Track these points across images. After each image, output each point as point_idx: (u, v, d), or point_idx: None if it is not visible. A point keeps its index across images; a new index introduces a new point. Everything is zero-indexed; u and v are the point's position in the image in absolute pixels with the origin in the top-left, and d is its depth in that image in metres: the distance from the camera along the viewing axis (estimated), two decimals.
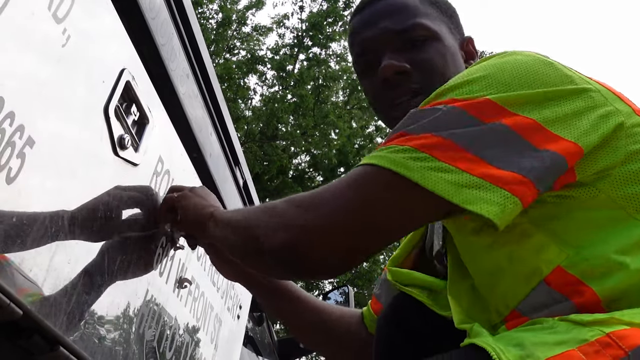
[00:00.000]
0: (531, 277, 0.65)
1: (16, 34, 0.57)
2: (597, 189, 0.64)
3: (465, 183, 0.59)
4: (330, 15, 12.45)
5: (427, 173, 0.60)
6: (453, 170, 0.60)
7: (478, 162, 0.60)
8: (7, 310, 0.55)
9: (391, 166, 0.61)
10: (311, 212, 0.66)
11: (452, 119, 0.63)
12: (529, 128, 0.63)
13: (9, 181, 0.55)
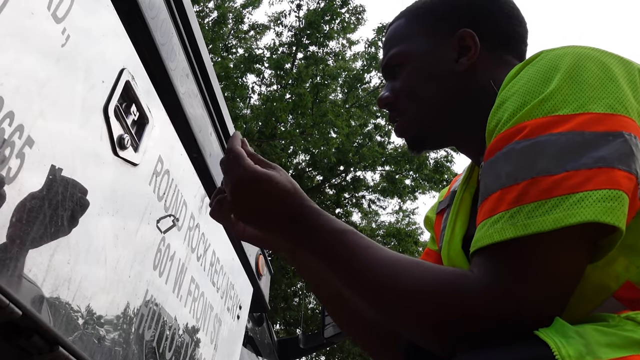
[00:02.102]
0: (599, 291, 0.61)
1: (16, 34, 0.57)
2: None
3: (604, 197, 0.54)
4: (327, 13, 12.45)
5: (570, 211, 0.53)
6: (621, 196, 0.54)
7: (601, 172, 0.54)
8: (6, 311, 0.55)
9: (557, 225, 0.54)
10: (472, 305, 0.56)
11: (584, 141, 0.56)
12: (629, 127, 0.57)
13: (8, 181, 0.55)
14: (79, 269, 0.69)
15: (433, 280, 0.59)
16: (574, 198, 0.53)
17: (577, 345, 0.49)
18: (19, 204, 0.57)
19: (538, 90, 0.61)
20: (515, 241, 0.55)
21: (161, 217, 0.97)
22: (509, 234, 0.55)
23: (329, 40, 12.86)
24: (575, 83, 0.59)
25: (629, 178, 0.54)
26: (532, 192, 0.55)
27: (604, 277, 0.60)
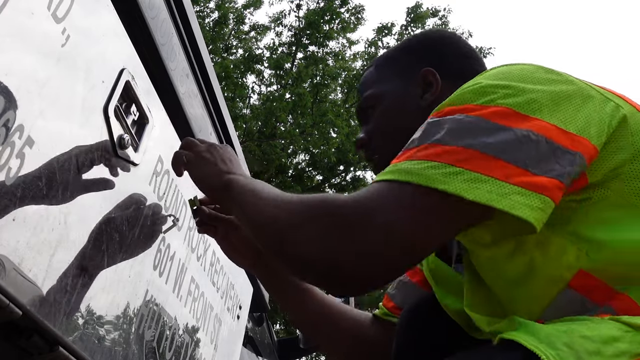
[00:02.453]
0: (554, 283, 0.65)
1: (16, 34, 0.57)
2: (609, 188, 0.65)
3: (505, 192, 0.59)
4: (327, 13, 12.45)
5: (467, 185, 0.60)
6: (491, 180, 0.60)
7: (514, 170, 0.61)
8: (6, 310, 0.55)
9: (431, 184, 0.61)
10: (357, 231, 0.62)
11: (477, 128, 0.64)
12: (552, 131, 0.63)
13: (8, 180, 0.55)
14: (79, 269, 0.69)
15: (311, 198, 0.69)
16: (452, 169, 0.61)
17: (569, 357, 0.50)
18: (19, 204, 0.57)
19: (464, 86, 0.71)
20: (392, 183, 0.64)
21: (161, 217, 0.97)
22: (388, 177, 0.64)
23: (328, 40, 12.85)
24: (496, 80, 0.68)
25: (506, 167, 0.60)
26: (422, 153, 0.64)
27: (557, 269, 0.64)
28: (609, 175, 0.65)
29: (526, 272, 0.67)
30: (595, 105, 0.67)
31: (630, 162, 0.65)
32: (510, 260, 0.69)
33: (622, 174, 0.65)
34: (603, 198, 0.65)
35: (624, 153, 0.65)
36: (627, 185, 0.64)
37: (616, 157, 0.65)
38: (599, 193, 0.65)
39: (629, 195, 0.64)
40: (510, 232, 0.65)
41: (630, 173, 0.65)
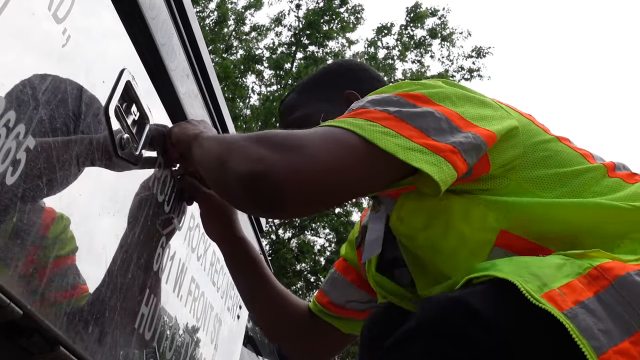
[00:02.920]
0: (483, 246, 0.78)
1: (16, 34, 0.57)
2: (508, 178, 0.81)
3: (408, 146, 0.74)
4: (327, 13, 12.44)
5: (381, 136, 0.74)
6: (399, 136, 0.75)
7: (417, 132, 0.76)
8: (7, 310, 0.55)
9: (355, 129, 0.75)
10: (291, 152, 0.73)
11: (395, 101, 0.80)
12: (453, 115, 0.79)
13: (9, 181, 0.55)
14: (79, 269, 0.69)
15: (246, 136, 0.79)
16: (370, 124, 0.75)
17: (533, 280, 0.61)
18: (19, 204, 0.57)
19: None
20: (325, 127, 0.77)
21: (161, 217, 0.97)
22: (353, 129, 0.75)
23: (328, 40, 12.84)
24: (411, 82, 0.87)
25: (412, 130, 0.75)
26: (349, 114, 0.80)
27: (483, 233, 0.78)
28: (506, 167, 0.81)
29: (459, 244, 0.80)
30: (493, 109, 0.84)
31: (522, 156, 0.82)
32: (445, 237, 0.81)
33: (516, 166, 0.81)
34: (504, 187, 0.80)
35: (518, 149, 0.82)
36: (521, 174, 0.81)
37: (512, 151, 0.82)
38: (500, 183, 0.81)
39: (523, 182, 0.81)
40: (424, 194, 0.79)
41: (522, 165, 0.82)
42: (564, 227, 0.76)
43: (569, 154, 0.85)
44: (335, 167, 0.73)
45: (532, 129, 0.86)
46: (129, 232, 0.84)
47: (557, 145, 0.86)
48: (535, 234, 0.76)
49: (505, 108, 0.88)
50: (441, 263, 0.83)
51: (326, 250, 12.64)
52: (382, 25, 13.38)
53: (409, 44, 13.34)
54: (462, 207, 0.80)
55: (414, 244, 0.87)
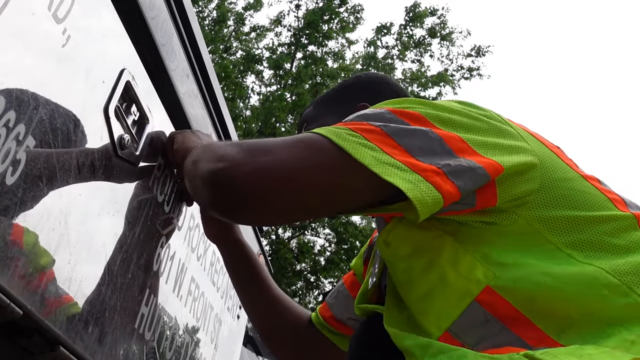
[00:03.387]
0: (463, 297, 0.69)
1: (16, 34, 0.57)
2: (517, 214, 0.72)
3: (386, 161, 0.68)
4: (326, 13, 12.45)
5: (357, 146, 0.69)
6: (378, 150, 0.69)
7: (400, 150, 0.70)
8: (7, 310, 0.55)
9: (332, 137, 0.71)
10: (258, 153, 0.70)
11: (385, 117, 0.74)
12: (452, 139, 0.72)
13: (9, 180, 0.55)
14: (79, 269, 0.69)
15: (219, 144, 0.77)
16: (351, 133, 0.71)
17: None
18: (19, 204, 0.57)
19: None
20: (306, 134, 0.73)
21: (161, 217, 0.97)
22: (331, 137, 0.71)
23: (327, 40, 12.84)
24: (416, 100, 0.80)
25: (395, 147, 0.70)
26: (335, 125, 0.74)
27: (466, 284, 0.69)
28: (517, 202, 0.72)
29: (437, 286, 0.72)
30: (508, 138, 0.76)
31: (537, 192, 0.73)
32: (424, 275, 0.74)
33: (529, 202, 0.72)
34: (512, 223, 0.72)
35: (533, 183, 0.73)
36: (532, 212, 0.72)
37: (525, 186, 0.72)
38: (507, 218, 0.72)
39: (534, 221, 0.71)
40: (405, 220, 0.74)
41: (536, 202, 0.72)
42: (558, 304, 0.65)
43: (595, 197, 0.74)
44: (300, 169, 0.69)
45: (554, 163, 0.77)
46: (129, 232, 0.84)
47: (582, 185, 0.75)
48: (524, 304, 0.66)
49: (525, 138, 0.78)
50: (413, 302, 0.76)
51: (326, 250, 12.65)
52: (382, 25, 13.38)
53: (409, 44, 13.35)
54: (453, 249, 0.73)
55: (392, 272, 0.81)
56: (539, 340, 0.63)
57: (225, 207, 0.71)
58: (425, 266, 0.74)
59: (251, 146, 0.72)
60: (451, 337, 0.69)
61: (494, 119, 0.78)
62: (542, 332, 0.63)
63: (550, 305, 0.64)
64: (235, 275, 1.18)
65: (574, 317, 0.63)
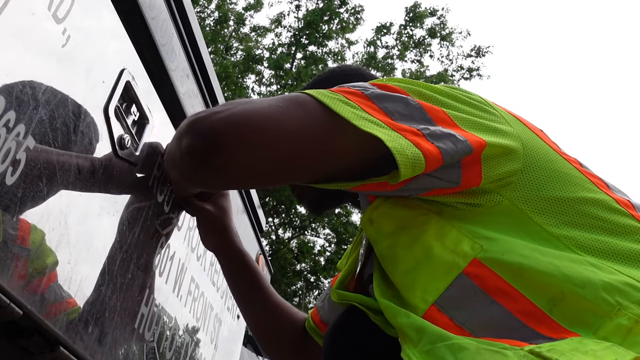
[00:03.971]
0: (450, 270, 0.68)
1: (16, 34, 0.57)
2: (501, 195, 0.72)
3: (366, 118, 0.69)
4: (327, 13, 12.44)
5: (338, 102, 0.70)
6: (358, 108, 0.70)
7: (380, 112, 0.70)
8: (7, 310, 0.55)
9: (313, 94, 0.72)
10: (238, 105, 0.70)
11: (366, 86, 0.75)
12: (433, 109, 0.73)
13: (9, 181, 0.55)
14: (79, 269, 0.69)
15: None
16: (335, 95, 0.72)
17: None
18: (19, 205, 0.57)
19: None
20: (297, 93, 0.74)
21: (161, 217, 0.97)
22: (313, 94, 0.72)
23: (328, 40, 12.84)
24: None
25: (374, 108, 0.71)
26: (333, 88, 0.75)
27: (453, 257, 0.69)
28: (501, 183, 0.72)
29: (423, 260, 0.71)
30: (491, 117, 0.76)
31: (520, 172, 0.73)
32: (409, 249, 0.74)
33: (512, 182, 0.72)
34: (496, 204, 0.72)
35: (516, 164, 0.73)
36: (516, 193, 0.72)
37: (509, 166, 0.73)
38: (491, 200, 0.72)
39: (518, 202, 0.71)
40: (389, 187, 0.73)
41: (520, 182, 0.73)
42: (549, 278, 0.63)
43: (577, 178, 0.75)
44: (277, 115, 0.68)
45: (537, 145, 0.77)
46: (128, 232, 0.84)
47: (565, 166, 0.76)
48: (513, 277, 0.65)
49: (509, 121, 0.79)
50: (398, 277, 0.75)
51: (326, 250, 12.65)
52: (382, 25, 13.38)
53: (408, 44, 13.35)
54: (438, 225, 0.72)
55: (377, 249, 0.81)
56: (529, 314, 0.62)
57: (198, 153, 0.69)
58: (410, 241, 0.74)
59: (232, 101, 0.73)
60: (438, 311, 0.67)
61: (477, 101, 0.79)
62: (533, 305, 0.63)
63: (540, 278, 0.63)
64: (235, 284, 1.16)
65: (565, 293, 0.62)
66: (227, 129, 0.67)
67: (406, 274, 0.73)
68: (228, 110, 0.69)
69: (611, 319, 0.59)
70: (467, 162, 0.71)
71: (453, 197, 0.73)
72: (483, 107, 0.78)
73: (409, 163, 0.66)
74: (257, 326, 1.18)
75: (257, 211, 1.87)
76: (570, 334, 0.59)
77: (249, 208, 1.74)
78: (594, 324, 0.59)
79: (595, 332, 0.59)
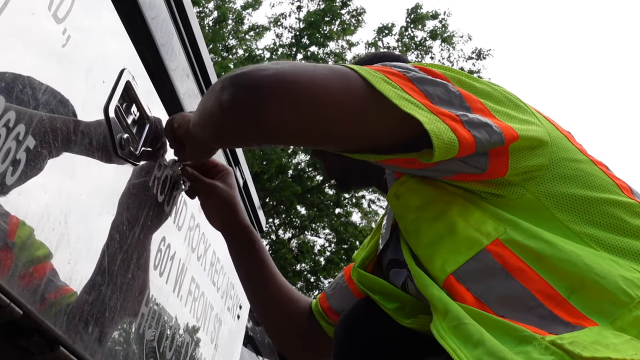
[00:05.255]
0: (472, 245, 0.70)
1: (16, 34, 0.57)
2: (525, 188, 0.73)
3: (406, 98, 0.69)
4: (328, 14, 12.45)
5: (380, 81, 0.70)
6: (399, 89, 0.70)
7: (420, 94, 0.71)
8: (7, 310, 0.55)
9: (356, 69, 0.72)
10: (285, 65, 0.71)
11: (408, 68, 0.75)
12: (471, 98, 0.73)
13: (9, 181, 0.55)
14: (79, 269, 0.69)
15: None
16: (379, 74, 0.72)
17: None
18: (19, 204, 0.57)
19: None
20: (342, 66, 0.74)
21: (161, 217, 0.97)
22: (357, 69, 0.72)
23: (329, 41, 12.84)
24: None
25: (415, 90, 0.71)
26: (375, 67, 0.75)
27: (476, 234, 0.71)
28: (526, 176, 0.73)
29: (446, 235, 0.73)
30: (523, 113, 0.78)
31: (546, 168, 0.74)
32: (433, 224, 0.76)
33: (537, 177, 0.73)
34: (519, 197, 0.73)
35: (543, 159, 0.74)
36: (540, 187, 0.73)
37: (536, 160, 0.74)
38: (515, 192, 0.73)
39: (541, 196, 0.72)
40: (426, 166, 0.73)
41: (545, 177, 0.74)
42: (570, 266, 0.64)
43: (603, 180, 0.75)
44: (322, 81, 0.69)
45: (565, 144, 0.78)
46: (129, 232, 0.84)
47: (591, 168, 0.76)
48: (534, 261, 0.66)
49: (539, 117, 0.80)
50: (420, 250, 0.77)
51: (326, 250, 12.65)
52: (384, 26, 13.39)
53: (410, 45, 13.36)
54: (463, 206, 0.74)
55: (402, 224, 0.82)
56: (548, 296, 0.63)
57: (242, 105, 0.69)
58: (435, 216, 0.75)
59: (276, 61, 0.73)
60: (455, 281, 0.69)
61: (511, 95, 0.81)
62: (551, 288, 0.64)
63: (561, 265, 0.64)
64: (244, 262, 1.16)
65: (585, 282, 0.63)
66: (274, 85, 0.68)
67: (428, 246, 0.75)
68: (275, 68, 0.70)
69: (630, 311, 0.59)
70: (496, 151, 0.72)
71: (477, 185, 0.74)
72: (516, 103, 0.79)
73: (444, 147, 0.67)
74: (262, 307, 1.18)
75: (257, 211, 1.87)
76: (588, 320, 0.60)
77: (249, 208, 1.74)
78: (612, 314, 0.60)
79: (613, 322, 0.59)
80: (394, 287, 0.92)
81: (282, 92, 0.68)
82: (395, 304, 0.89)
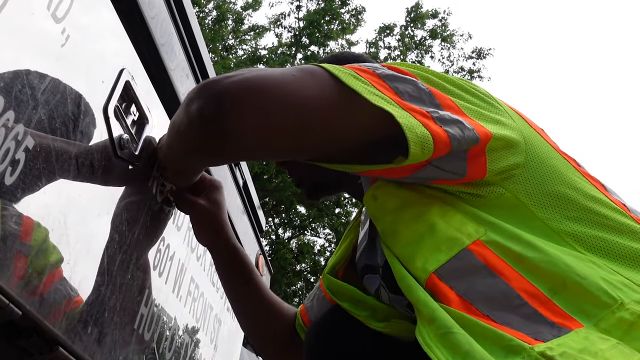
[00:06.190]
0: (453, 244, 0.69)
1: (15, 34, 0.57)
2: (503, 188, 0.73)
3: (377, 94, 0.69)
4: (328, 14, 12.45)
5: (350, 77, 0.70)
6: (369, 85, 0.70)
7: (390, 91, 0.70)
8: (6, 310, 0.55)
9: (326, 67, 0.72)
10: (252, 71, 0.70)
11: (377, 66, 0.75)
12: (441, 96, 0.73)
13: (8, 181, 0.55)
14: (78, 269, 0.69)
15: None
16: (349, 71, 0.71)
17: None
18: (19, 205, 0.57)
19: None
20: (311, 65, 0.74)
21: (161, 217, 0.97)
22: (326, 67, 0.72)
23: (328, 40, 12.85)
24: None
25: (384, 87, 0.71)
26: (344, 65, 0.75)
27: (457, 233, 0.69)
28: (504, 176, 0.73)
29: (426, 234, 0.72)
30: (496, 111, 0.77)
31: (522, 166, 0.74)
32: (412, 224, 0.74)
33: (515, 175, 0.73)
34: (498, 196, 0.72)
35: (519, 157, 0.74)
36: (518, 185, 0.73)
37: (512, 159, 0.73)
38: (494, 192, 0.73)
39: (520, 194, 0.72)
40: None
41: (522, 176, 0.73)
42: (552, 268, 0.64)
43: (576, 176, 0.76)
44: (289, 82, 0.68)
45: (538, 141, 0.78)
46: (128, 232, 0.84)
47: (563, 164, 0.77)
48: (516, 261, 0.66)
49: (512, 116, 0.80)
50: (399, 249, 0.75)
51: (326, 250, 12.65)
52: (385, 25, 13.39)
53: (410, 44, 13.36)
54: (442, 208, 0.73)
55: (379, 226, 0.80)
56: (532, 295, 0.63)
57: (209, 116, 0.68)
58: (413, 217, 0.74)
59: (245, 68, 0.73)
60: (438, 280, 0.68)
61: (482, 93, 0.80)
62: (534, 287, 0.63)
63: (542, 266, 0.64)
64: (229, 280, 1.13)
65: (566, 282, 0.62)
66: (239, 92, 0.67)
67: (408, 245, 0.73)
68: (241, 75, 0.69)
69: (613, 313, 0.59)
70: (473, 154, 0.71)
71: (456, 187, 0.73)
72: (488, 100, 0.79)
73: (419, 142, 0.65)
74: (249, 323, 1.17)
75: (257, 211, 1.87)
76: (572, 321, 0.59)
77: (249, 208, 1.74)
78: (596, 315, 0.59)
79: (597, 324, 0.59)
80: (364, 295, 0.91)
81: (248, 96, 0.67)
82: (366, 312, 0.88)
